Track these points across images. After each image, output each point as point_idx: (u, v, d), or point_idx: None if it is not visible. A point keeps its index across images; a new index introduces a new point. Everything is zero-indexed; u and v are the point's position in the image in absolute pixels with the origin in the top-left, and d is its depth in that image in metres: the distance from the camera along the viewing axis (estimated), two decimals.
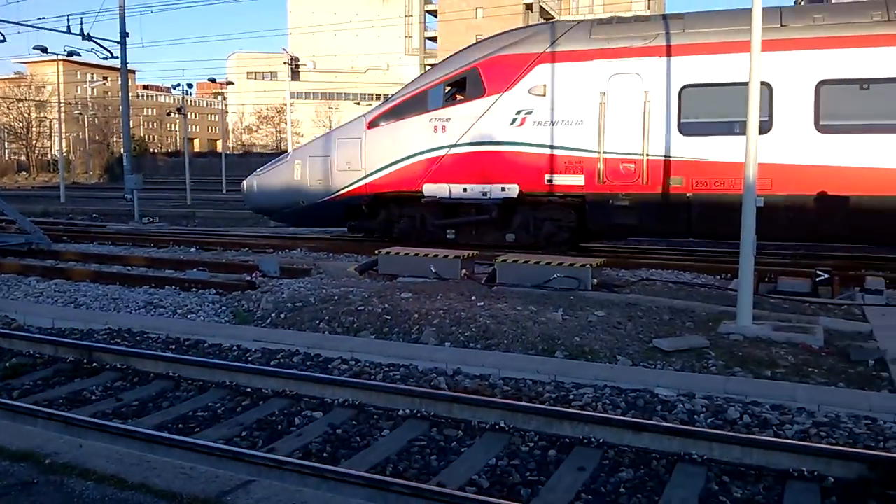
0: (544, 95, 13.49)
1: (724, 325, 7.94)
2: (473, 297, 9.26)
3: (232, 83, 65.20)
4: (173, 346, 7.83)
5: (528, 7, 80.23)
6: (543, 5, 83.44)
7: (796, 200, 11.96)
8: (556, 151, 13.53)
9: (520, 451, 5.07)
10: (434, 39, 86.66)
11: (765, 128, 11.89)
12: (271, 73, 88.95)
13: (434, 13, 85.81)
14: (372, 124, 15.01)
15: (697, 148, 12.67)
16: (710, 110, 12.73)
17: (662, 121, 12.86)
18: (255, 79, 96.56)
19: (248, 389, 6.34)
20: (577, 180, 13.43)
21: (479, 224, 14.47)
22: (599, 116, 13.16)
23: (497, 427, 5.37)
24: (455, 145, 14.15)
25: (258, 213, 18.00)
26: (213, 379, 6.56)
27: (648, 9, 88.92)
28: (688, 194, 12.74)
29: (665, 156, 12.87)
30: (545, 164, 13.55)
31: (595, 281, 10.27)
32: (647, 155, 12.93)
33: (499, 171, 13.90)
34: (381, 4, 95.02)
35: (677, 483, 4.57)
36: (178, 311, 9.65)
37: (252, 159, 72.93)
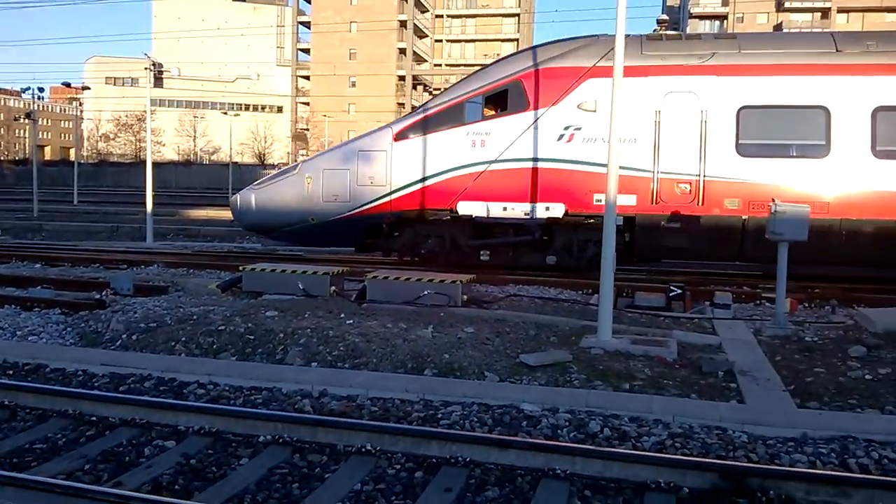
0: (595, 111, 12.84)
1: (586, 340, 8.17)
2: (342, 315, 9.07)
3: (88, 88, 61.50)
4: (10, 372, 7.16)
5: (403, 24, 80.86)
6: (417, 23, 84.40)
7: (852, 225, 12.01)
8: (605, 170, 13.01)
9: (386, 475, 4.95)
10: (307, 51, 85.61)
11: (823, 152, 12.22)
12: (132, 78, 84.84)
13: (307, 24, 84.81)
14: (399, 136, 13.81)
15: (755, 170, 12.49)
16: (767, 132, 12.61)
17: (720, 141, 12.62)
18: (115, 84, 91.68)
19: (94, 418, 5.87)
20: (629, 200, 12.74)
21: (517, 245, 13.69)
22: (655, 135, 12.76)
23: (364, 450, 5.22)
24: (495, 161, 13.29)
25: (253, 231, 16.21)
26: (54, 407, 6.02)
27: (518, 32, 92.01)
28: (743, 217, 12.51)
29: (722, 177, 12.60)
30: (594, 183, 12.63)
31: (465, 297, 10.34)
32: (704, 176, 12.64)
33: (543, 190, 13.08)
34: (252, 13, 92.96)
35: (541, 500, 4.60)
36: (18, 333, 8.86)
37: (108, 169, 69.22)
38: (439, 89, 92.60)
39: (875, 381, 7.04)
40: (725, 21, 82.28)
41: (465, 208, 13.45)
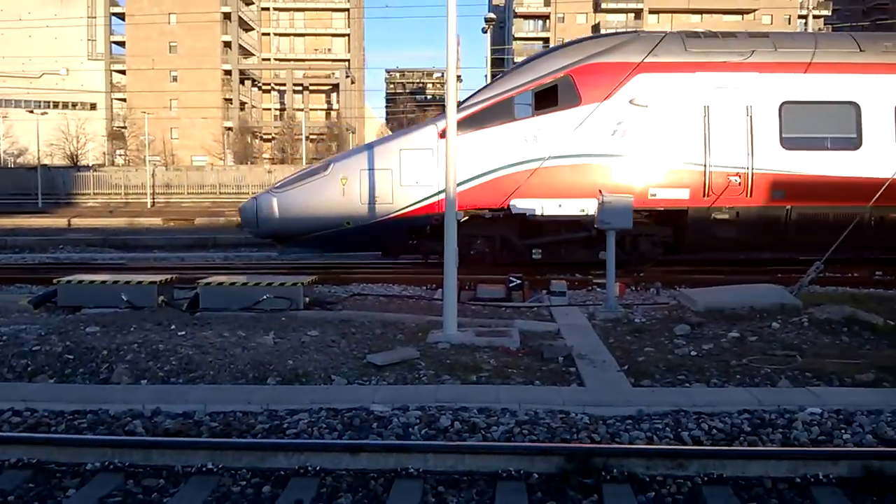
0: (646, 106, 12.98)
1: (433, 335, 8.19)
2: (173, 326, 8.52)
3: None
4: None
5: (227, 16, 77.87)
6: (242, 15, 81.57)
7: (885, 212, 12.67)
8: (659, 164, 13.11)
9: (231, 493, 4.66)
10: (122, 44, 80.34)
11: (854, 144, 12.95)
12: None
13: (121, 16, 79.57)
14: (444, 134, 12.71)
15: (798, 162, 12.94)
16: (808, 126, 13.05)
17: (766, 135, 13.01)
18: None
19: None
20: (682, 194, 13.05)
21: (569, 242, 13.50)
22: (704, 129, 13.00)
23: (204, 469, 4.89)
24: (549, 158, 13.02)
25: (273, 238, 14.72)
26: None
27: (349, 26, 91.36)
28: (787, 207, 12.96)
29: (769, 169, 12.98)
30: (648, 177, 13.01)
31: (307, 299, 10.05)
32: (753, 168, 12.96)
33: (601, 186, 12.43)
34: (60, 4, 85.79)
35: (395, 501, 4.51)
36: None
37: None
38: (269, 84, 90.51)
39: (700, 356, 7.57)
40: (548, 21, 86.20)
41: (519, 206, 13.14)
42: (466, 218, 13.12)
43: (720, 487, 4.68)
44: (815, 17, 50.49)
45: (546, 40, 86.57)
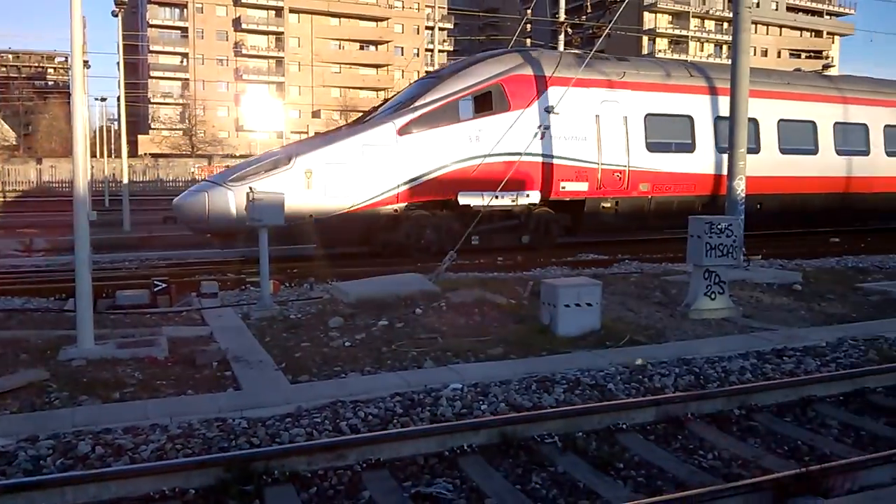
0: (558, 114, 15.20)
1: (65, 351, 7.27)
2: None
3: None
4: None
5: None
6: None
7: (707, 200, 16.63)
8: (567, 162, 15.49)
9: None
10: None
11: (690, 149, 16.94)
12: None
13: None
14: (403, 131, 14.36)
15: (657, 162, 16.34)
16: (663, 133, 16.38)
17: (637, 140, 16.17)
18: None
19: None
20: (583, 187, 15.75)
21: (502, 229, 15.38)
22: (597, 134, 15.75)
23: None
24: (488, 155, 14.66)
25: (225, 233, 13.92)
26: None
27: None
28: (650, 197, 16.26)
29: (639, 167, 16.14)
30: (560, 173, 15.48)
31: None
32: (629, 166, 16.04)
33: (527, 180, 15.13)
34: None
35: None
36: None
37: None
38: None
39: (353, 346, 7.82)
40: (185, 10, 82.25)
41: (465, 198, 14.69)
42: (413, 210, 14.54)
43: (378, 472, 4.87)
44: (440, 28, 55.46)
45: (184, 30, 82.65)
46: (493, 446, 5.26)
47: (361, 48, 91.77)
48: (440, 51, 63.48)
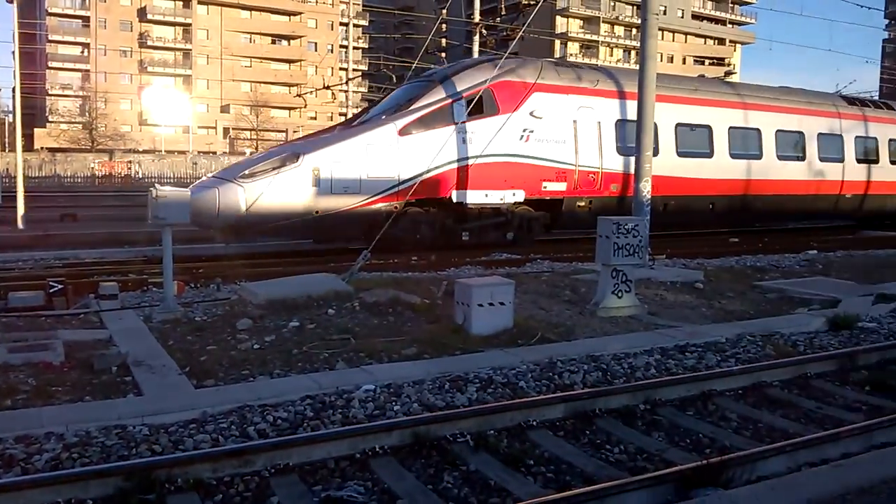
0: (541, 118, 16.20)
1: None
2: None
3: None
4: None
5: None
6: None
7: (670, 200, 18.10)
8: (548, 164, 16.36)
9: None
10: None
11: (655, 152, 16.18)
12: None
13: None
14: (403, 132, 15.03)
15: (627, 164, 16.72)
16: (631, 138, 15.53)
17: (609, 144, 17.18)
18: None
19: None
20: (562, 187, 16.62)
21: (490, 225, 16.23)
22: (575, 138, 16.62)
23: None
24: (480, 156, 15.46)
25: (232, 229, 14.26)
26: None
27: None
28: (619, 196, 17.22)
29: (611, 169, 17.16)
30: (542, 173, 16.33)
31: None
32: (602, 168, 17.00)
33: (513, 180, 15.94)
34: None
35: None
36: None
37: None
38: None
39: (262, 348, 7.63)
40: None
41: (458, 196, 15.48)
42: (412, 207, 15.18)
43: (287, 477, 4.76)
44: (355, 25, 55.02)
45: (86, 19, 79.12)
46: (405, 447, 5.23)
47: (273, 42, 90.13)
48: (355, 48, 62.98)
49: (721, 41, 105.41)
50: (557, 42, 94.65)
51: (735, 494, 3.68)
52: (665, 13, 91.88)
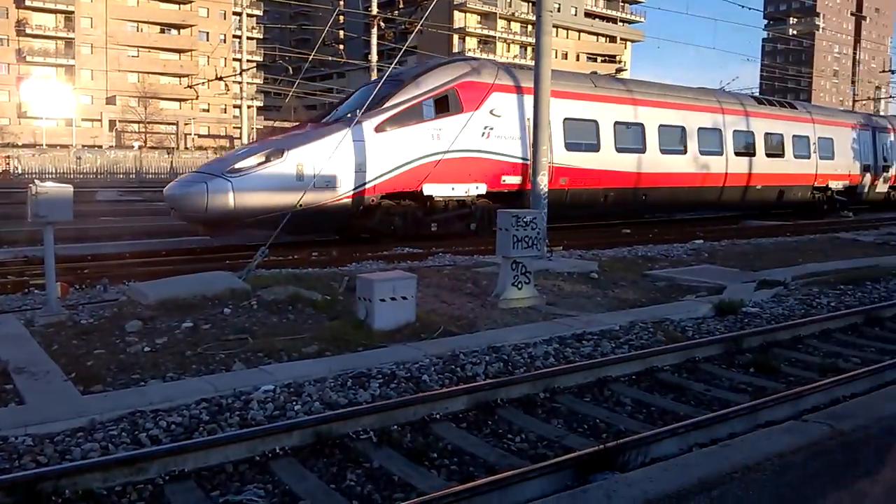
0: (500, 116, 17.36)
1: None
2: None
3: None
4: None
5: None
6: None
7: (607, 191, 20.32)
8: (507, 158, 17.57)
9: None
10: None
11: (596, 148, 19.85)
12: None
13: None
14: (379, 129, 15.77)
15: (572, 159, 18.81)
16: (576, 135, 18.76)
17: (558, 140, 18.30)
18: None
19: None
20: (518, 180, 17.73)
21: (456, 217, 17.19)
22: (528, 135, 16.99)
23: None
24: (447, 151, 16.51)
25: (220, 222, 14.48)
26: None
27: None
28: (567, 189, 18.69)
29: (560, 164, 18.30)
30: (501, 168, 17.55)
31: None
32: (553, 163, 17.25)
33: (476, 174, 17.14)
34: None
35: None
36: None
37: None
38: None
39: (154, 351, 7.31)
40: None
41: (429, 189, 16.48)
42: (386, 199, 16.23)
43: (183, 483, 4.58)
44: (249, 15, 53.56)
45: None
46: (307, 447, 5.13)
47: (162, 31, 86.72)
48: (249, 38, 61.36)
49: (613, 39, 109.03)
50: (456, 37, 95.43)
51: (631, 477, 3.80)
52: (559, 10, 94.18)
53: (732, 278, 12.08)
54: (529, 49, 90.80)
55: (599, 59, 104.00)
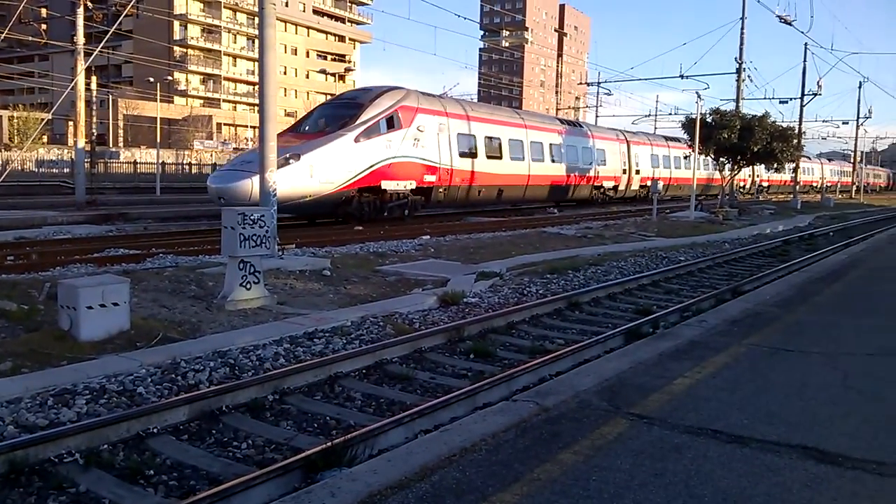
0: (423, 132, 23.94)
1: None
2: None
3: None
4: None
5: None
6: None
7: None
8: (427, 162, 24.21)
9: None
10: None
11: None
12: None
13: None
14: (356, 140, 21.28)
15: (463, 163, 26.07)
16: (465, 146, 26.28)
17: (455, 149, 25.70)
18: None
19: None
20: (433, 178, 24.64)
21: (398, 206, 23.45)
22: (438, 144, 24.78)
23: None
24: (394, 157, 22.60)
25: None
26: None
27: None
28: (462, 185, 26.13)
29: (458, 167, 25.73)
30: (424, 169, 24.12)
31: None
32: (453, 166, 25.43)
33: (410, 174, 23.42)
34: None
35: None
36: None
37: None
38: None
39: None
40: None
41: (385, 185, 22.41)
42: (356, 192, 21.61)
43: None
44: None
45: None
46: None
47: None
48: None
49: (342, 38, 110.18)
50: (177, 24, 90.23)
51: (355, 472, 3.82)
52: (287, 5, 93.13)
53: (455, 271, 12.79)
54: (257, 41, 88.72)
55: (329, 57, 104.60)
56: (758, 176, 53.66)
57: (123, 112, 76.36)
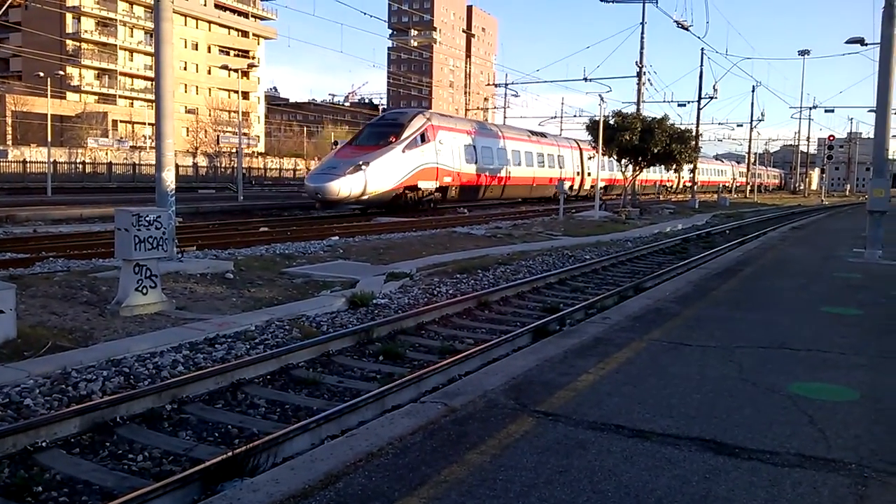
0: (443, 144, 31.61)
1: None
2: None
3: None
4: None
5: None
6: None
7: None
8: (446, 168, 31.75)
9: None
10: None
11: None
12: None
13: None
14: (404, 151, 28.92)
15: (468, 168, 34.19)
16: (469, 154, 34.20)
17: (463, 157, 33.70)
18: None
19: None
20: (449, 179, 32.11)
21: (429, 199, 31.41)
22: (452, 154, 32.52)
23: None
24: (426, 164, 30.16)
25: (336, 203, 27.37)
26: None
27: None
28: (469, 185, 34.44)
29: (465, 171, 33.82)
30: (443, 173, 31.58)
31: None
32: (461, 170, 33.35)
33: (435, 176, 30.94)
34: None
35: None
36: None
37: None
38: None
39: None
40: None
41: (422, 185, 30.10)
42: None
43: None
44: None
45: None
46: None
47: None
48: None
49: (245, 34, 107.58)
50: (70, 16, 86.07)
51: (257, 481, 3.67)
52: None
53: (365, 272, 12.66)
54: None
55: (233, 52, 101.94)
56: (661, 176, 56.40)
57: (12, 108, 72.21)
